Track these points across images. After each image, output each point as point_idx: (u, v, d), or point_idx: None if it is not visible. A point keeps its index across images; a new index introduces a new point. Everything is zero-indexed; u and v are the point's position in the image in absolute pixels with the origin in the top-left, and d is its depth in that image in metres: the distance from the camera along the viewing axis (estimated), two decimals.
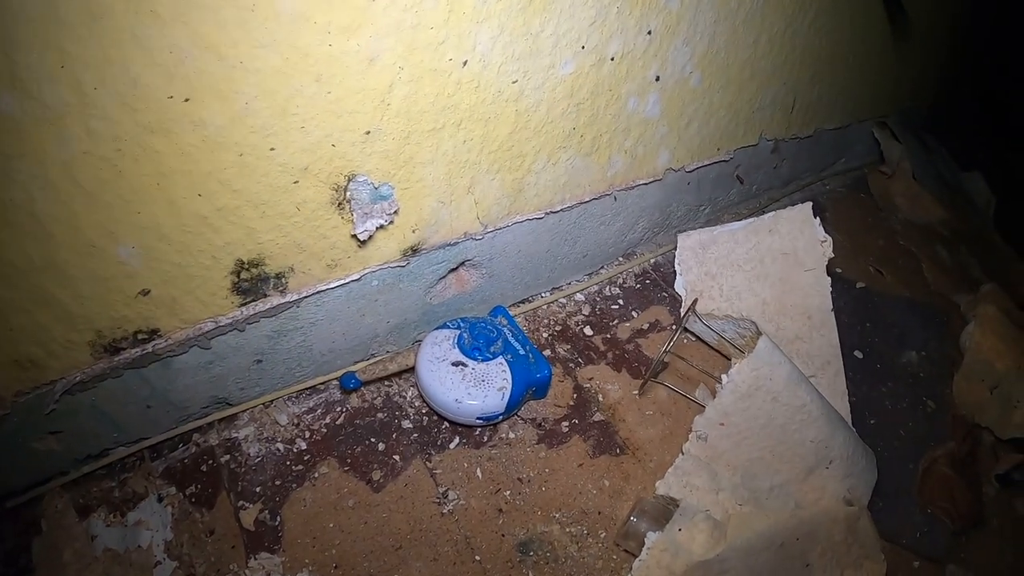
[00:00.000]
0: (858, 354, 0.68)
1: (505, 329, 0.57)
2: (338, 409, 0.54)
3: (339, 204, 0.48)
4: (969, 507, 0.66)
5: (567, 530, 0.51)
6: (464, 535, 0.50)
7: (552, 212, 0.59)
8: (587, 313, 0.66)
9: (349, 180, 0.48)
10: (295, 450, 0.53)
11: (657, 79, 0.57)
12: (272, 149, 0.43)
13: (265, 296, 0.50)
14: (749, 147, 0.73)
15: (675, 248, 0.66)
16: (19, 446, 0.50)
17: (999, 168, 1.06)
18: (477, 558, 0.49)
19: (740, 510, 0.50)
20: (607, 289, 0.68)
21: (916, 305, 0.79)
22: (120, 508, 0.53)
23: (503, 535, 0.50)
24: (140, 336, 0.49)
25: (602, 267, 0.70)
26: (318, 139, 0.44)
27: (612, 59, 0.53)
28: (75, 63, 0.34)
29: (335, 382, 0.54)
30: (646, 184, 0.65)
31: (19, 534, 0.51)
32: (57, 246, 0.40)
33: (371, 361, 0.57)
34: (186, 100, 0.38)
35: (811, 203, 0.62)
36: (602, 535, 0.51)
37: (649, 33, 0.54)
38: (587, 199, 0.61)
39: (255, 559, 0.49)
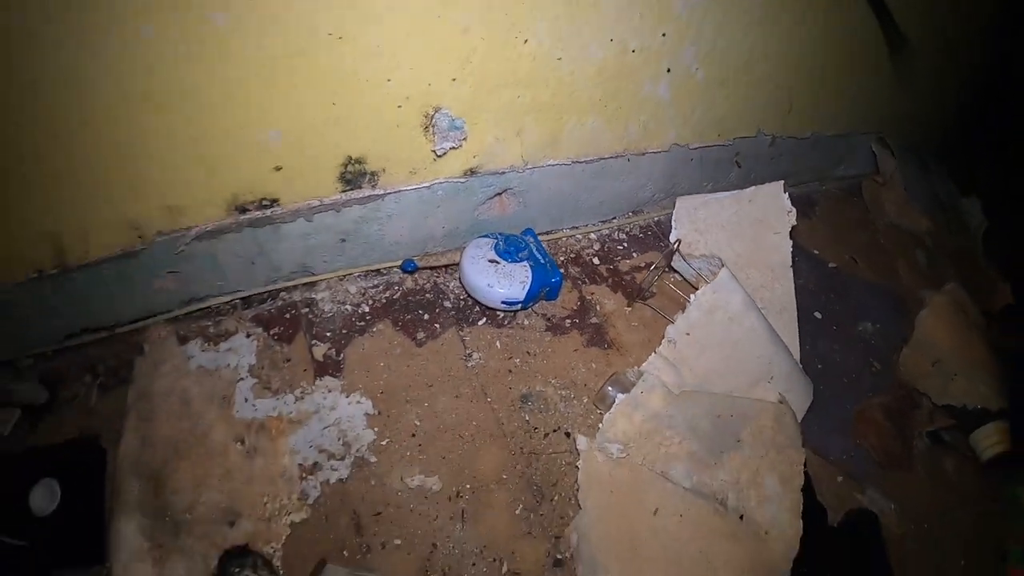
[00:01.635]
0: (817, 315, 0.94)
1: (531, 245, 0.84)
2: (396, 287, 0.81)
3: (425, 127, 0.76)
4: (896, 451, 0.91)
5: (558, 392, 0.77)
6: (481, 384, 0.76)
7: (577, 162, 0.86)
8: (596, 249, 0.92)
9: (436, 111, 0.75)
10: (359, 311, 0.79)
11: (668, 71, 0.84)
12: (388, 80, 0.71)
13: (360, 188, 0.77)
14: (748, 138, 1.00)
15: (675, 207, 0.94)
16: (142, 280, 0.77)
17: (997, 192, 1.33)
18: (489, 399, 0.75)
19: (692, 392, 0.77)
20: (616, 234, 0.95)
21: (881, 290, 1.03)
22: (213, 340, 0.81)
23: (510, 388, 0.76)
24: (264, 202, 0.76)
25: (614, 217, 0.96)
26: (420, 78, 0.71)
27: (632, 51, 0.80)
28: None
29: (396, 268, 0.81)
30: (655, 153, 0.92)
31: (122, 353, 0.80)
32: (226, 120, 0.68)
33: (425, 255, 0.85)
34: (339, 38, 0.68)
35: (782, 181, 0.90)
36: (584, 400, 0.76)
37: (664, 35, 0.82)
38: (605, 156, 0.88)
39: (320, 380, 0.76)
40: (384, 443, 0.68)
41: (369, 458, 0.67)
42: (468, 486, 0.67)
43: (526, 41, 0.72)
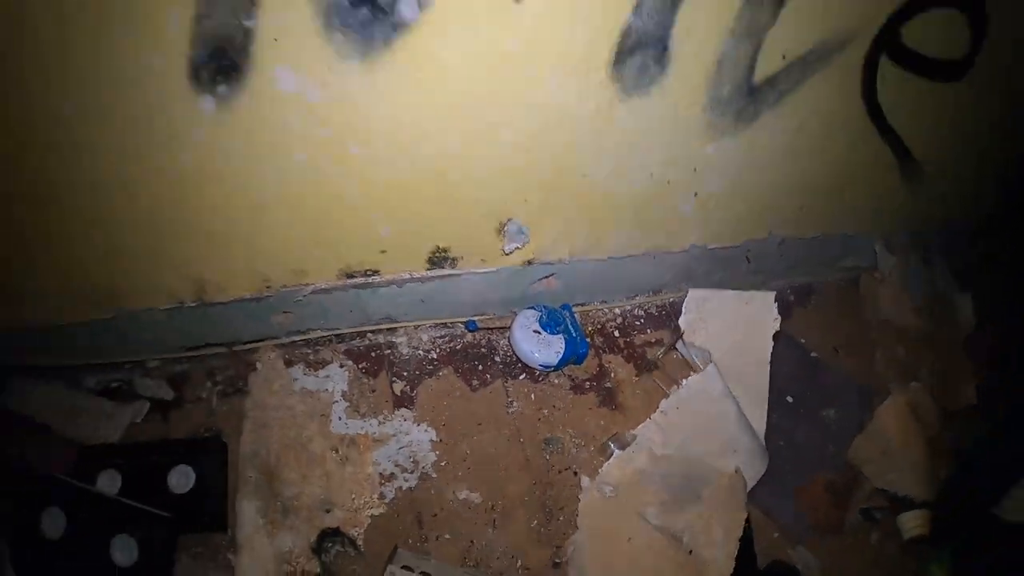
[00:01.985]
0: (789, 399, 1.19)
1: (567, 320, 1.11)
2: (458, 339, 1.08)
3: (498, 231, 1.00)
4: (832, 520, 1.17)
5: (573, 439, 1.04)
6: (517, 427, 1.04)
7: (612, 258, 1.10)
8: (618, 322, 1.17)
9: (508, 221, 1.00)
10: (429, 356, 1.08)
11: (695, 194, 1.07)
12: (477, 200, 0.97)
13: (442, 267, 1.02)
14: (759, 240, 1.24)
15: (687, 296, 1.18)
16: (262, 314, 1.07)
17: (990, 292, 1.52)
18: (521, 440, 1.03)
19: (671, 455, 1.04)
20: (636, 310, 1.20)
21: (853, 382, 1.28)
22: (314, 367, 1.10)
23: (538, 432, 1.03)
24: (368, 272, 1.02)
25: (636, 295, 1.23)
26: (502, 199, 0.94)
27: (667, 182, 1.03)
28: None
29: (461, 324, 1.09)
30: (676, 253, 1.16)
31: (238, 367, 1.09)
32: (355, 219, 0.92)
33: (484, 317, 1.13)
34: (444, 174, 0.93)
35: (774, 293, 1.14)
36: (591, 448, 1.03)
37: (695, 170, 1.05)
38: (635, 254, 1.13)
39: (398, 411, 1.05)
40: (443, 464, 0.97)
41: (431, 473, 0.97)
42: (500, 502, 0.96)
43: (584, 176, 0.96)
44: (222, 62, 0.71)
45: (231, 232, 0.90)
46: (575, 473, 0.99)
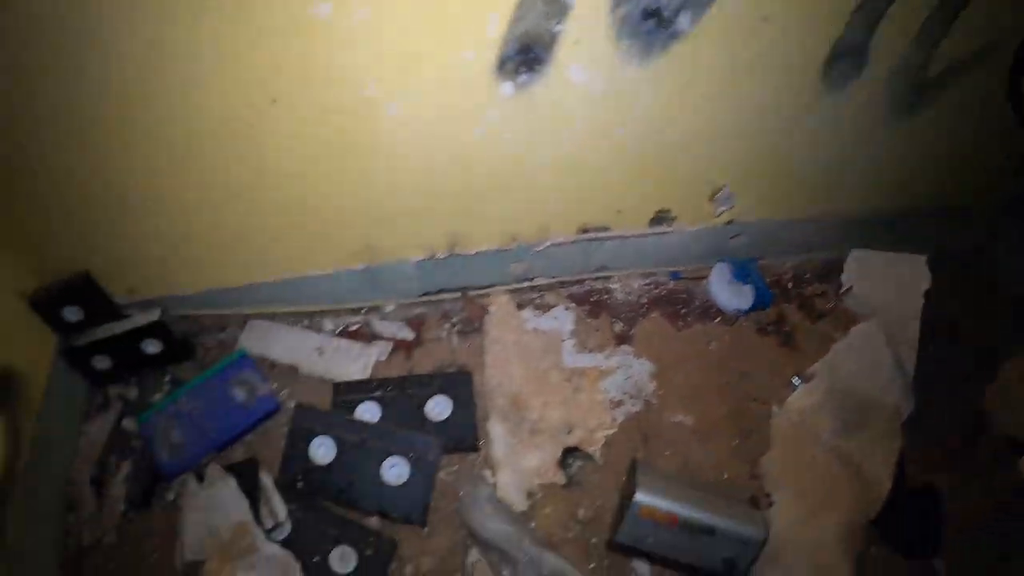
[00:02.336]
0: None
1: (754, 271, 1.29)
2: (663, 287, 1.26)
3: (711, 196, 1.18)
4: (962, 459, 1.43)
5: (761, 374, 1.26)
6: (716, 362, 1.23)
7: (792, 220, 1.25)
8: (791, 276, 1.30)
9: (721, 188, 1.15)
10: (640, 301, 1.27)
11: (865, 171, 1.29)
12: (701, 172, 1.16)
13: (660, 225, 1.19)
14: (908, 209, 1.42)
15: (849, 255, 1.39)
16: (499, 264, 1.22)
17: None
18: (720, 373, 1.23)
19: (843, 389, 1.28)
20: (805, 266, 1.36)
21: (982, 343, 1.52)
22: (542, 309, 1.30)
23: (733, 367, 1.24)
24: (600, 228, 1.20)
25: (806, 253, 1.38)
26: (719, 169, 1.12)
27: (844, 160, 1.17)
28: None
29: (665, 274, 1.30)
30: (842, 218, 1.36)
31: (473, 310, 1.29)
32: (601, 183, 1.11)
33: (685, 268, 1.32)
34: (685, 148, 1.12)
35: (926, 256, 1.36)
36: (776, 382, 1.26)
37: (868, 150, 1.25)
38: (810, 217, 1.34)
39: (619, 347, 1.23)
40: (660, 392, 1.19)
41: (651, 400, 1.19)
42: (706, 425, 1.17)
43: (784, 153, 1.14)
44: (527, 56, 0.87)
45: (498, 193, 1.07)
46: (765, 402, 1.22)
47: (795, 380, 1.21)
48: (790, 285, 1.33)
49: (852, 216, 1.30)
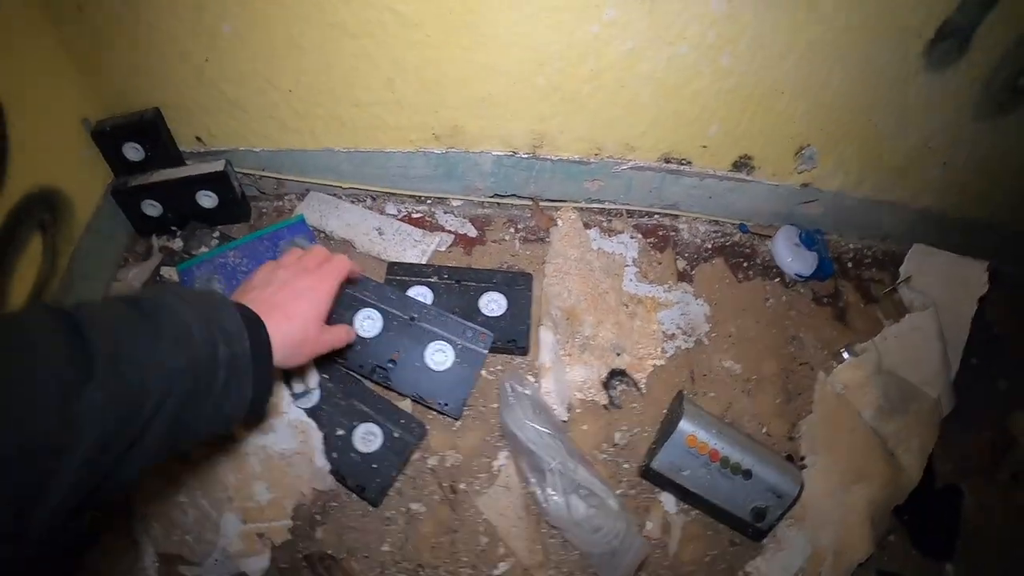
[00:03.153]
0: (973, 360, 1.46)
1: (820, 241, 1.31)
2: (729, 237, 1.26)
3: (796, 153, 1.19)
4: (986, 465, 1.44)
5: (812, 341, 1.25)
6: (769, 320, 1.22)
7: (864, 199, 1.28)
8: (851, 256, 1.31)
9: (808, 146, 1.18)
10: (704, 246, 1.26)
11: (944, 164, 1.28)
12: (794, 123, 1.17)
13: (740, 172, 1.18)
14: (977, 218, 1.43)
15: (911, 248, 1.41)
16: (576, 177, 1.19)
17: None
18: (773, 331, 1.20)
19: (890, 371, 1.29)
20: (865, 250, 1.33)
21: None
22: (608, 232, 1.29)
23: (786, 328, 1.21)
24: (682, 160, 1.18)
25: (867, 238, 1.39)
26: (810, 126, 1.12)
27: (929, 147, 1.20)
28: None
29: (733, 225, 1.29)
30: (911, 208, 1.32)
31: (541, 220, 1.28)
32: (684, 112, 1.12)
33: (752, 223, 1.33)
34: (782, 92, 1.13)
35: (988, 262, 1.39)
36: (825, 352, 1.27)
37: (952, 142, 1.28)
38: (881, 200, 1.36)
39: (679, 284, 1.22)
40: (713, 335, 1.19)
41: (704, 341, 1.18)
42: (753, 377, 1.17)
43: (875, 124, 1.15)
44: None
45: (595, 99, 1.07)
46: (812, 368, 1.22)
47: (844, 352, 1.22)
48: (849, 265, 1.34)
49: (923, 211, 1.31)
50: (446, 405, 1.03)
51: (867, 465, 1.18)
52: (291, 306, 0.68)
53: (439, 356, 1.05)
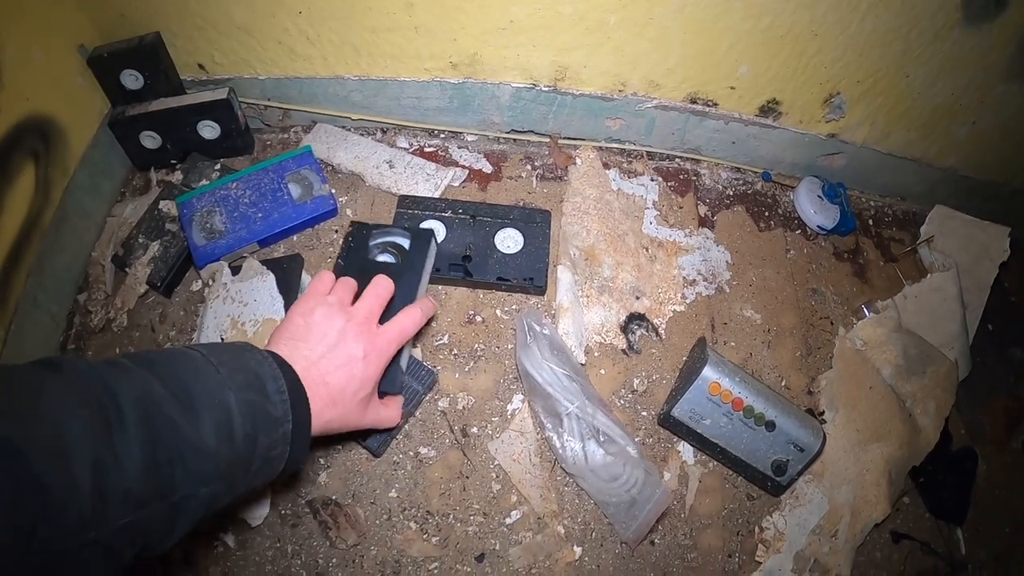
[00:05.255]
0: (989, 327, 1.49)
1: (842, 195, 1.30)
2: (751, 185, 1.25)
3: (825, 100, 1.19)
4: (1000, 437, 1.46)
5: (832, 295, 1.25)
6: (790, 271, 1.21)
7: (889, 154, 1.27)
8: (872, 213, 1.31)
9: (837, 94, 1.17)
10: (726, 192, 1.25)
11: (973, 123, 1.24)
12: (824, 69, 1.17)
13: (766, 117, 1.18)
14: (999, 183, 1.47)
15: (933, 209, 1.42)
16: (597, 114, 1.17)
17: None
18: (794, 283, 1.21)
19: (910, 330, 1.30)
20: (886, 208, 1.34)
21: None
22: (628, 174, 1.27)
23: (807, 280, 1.21)
24: (708, 102, 1.17)
25: (889, 196, 1.42)
26: (841, 74, 1.11)
27: (959, 104, 1.22)
28: None
29: (756, 173, 1.28)
30: (935, 168, 1.31)
31: (559, 158, 1.25)
32: (721, 48, 1.10)
33: (775, 172, 1.33)
34: (816, 33, 1.13)
35: (1009, 228, 1.41)
36: (845, 307, 1.28)
37: (982, 101, 1.29)
38: (906, 157, 1.36)
39: (701, 229, 1.20)
40: (734, 283, 1.18)
41: (725, 288, 1.17)
42: (774, 328, 1.17)
43: (906, 76, 1.16)
44: None
45: (623, 29, 1.04)
46: (832, 323, 1.22)
47: (865, 309, 1.22)
48: (870, 222, 1.35)
49: (947, 170, 1.33)
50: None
51: (885, 424, 1.19)
52: (336, 381, 0.63)
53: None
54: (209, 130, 1.12)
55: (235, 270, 1.02)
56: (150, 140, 1.12)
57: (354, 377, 0.64)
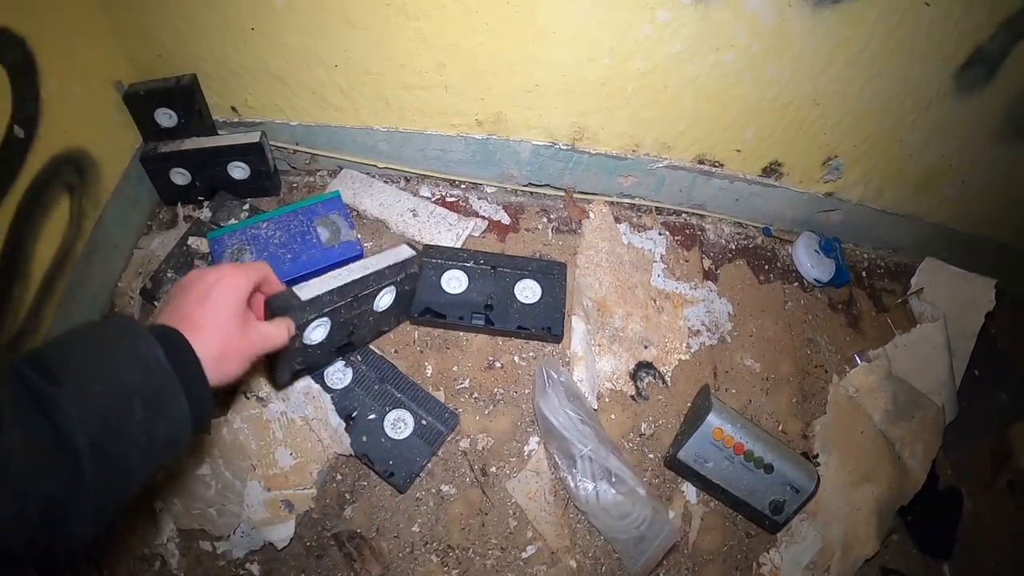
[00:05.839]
0: (976, 372, 1.59)
1: (838, 249, 1.40)
2: (752, 239, 1.34)
3: (824, 162, 1.28)
4: (985, 478, 1.56)
5: (827, 344, 1.33)
6: (789, 322, 1.33)
7: (882, 211, 1.38)
8: (865, 265, 1.42)
9: (835, 157, 1.25)
10: (729, 246, 1.35)
11: (962, 182, 1.39)
12: (823, 134, 1.28)
13: (769, 177, 1.27)
14: (987, 237, 1.58)
15: (923, 262, 1.52)
16: (611, 172, 1.27)
17: None
18: (792, 333, 1.31)
19: (899, 378, 1.40)
20: (879, 261, 1.45)
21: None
22: (638, 228, 1.37)
23: (803, 331, 1.31)
24: (715, 163, 1.25)
25: (882, 249, 1.52)
26: (839, 138, 1.21)
27: (951, 165, 1.33)
28: None
29: (757, 228, 1.38)
30: (926, 223, 1.41)
31: (573, 212, 1.35)
32: (729, 116, 1.20)
33: (775, 228, 1.44)
34: (819, 104, 1.23)
35: (996, 280, 1.51)
36: (839, 356, 1.38)
37: (971, 162, 1.39)
38: (898, 213, 1.47)
39: (705, 282, 1.31)
40: (736, 333, 1.27)
41: (727, 338, 1.27)
42: (772, 376, 1.26)
43: (901, 140, 1.27)
44: None
45: (640, 97, 1.14)
46: (826, 371, 1.32)
47: (858, 357, 1.32)
48: (863, 274, 1.45)
49: (938, 225, 1.43)
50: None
51: (875, 466, 1.28)
52: (197, 312, 0.61)
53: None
54: (239, 171, 1.19)
55: None
56: (180, 176, 1.18)
57: (208, 299, 0.62)
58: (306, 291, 0.83)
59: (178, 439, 0.55)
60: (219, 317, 0.62)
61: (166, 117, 1.18)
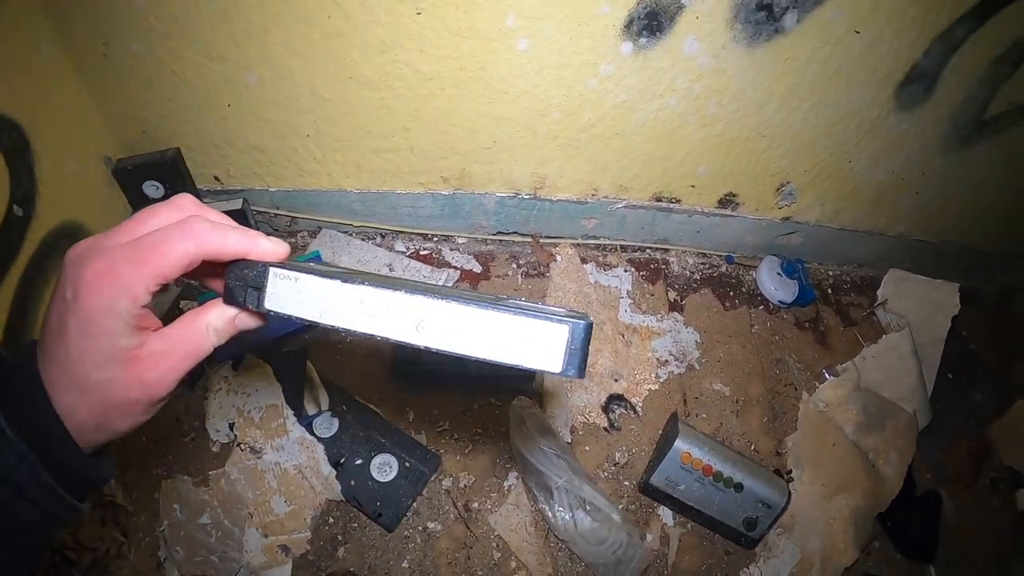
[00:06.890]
0: (949, 375, 1.66)
1: (801, 270, 1.48)
2: (716, 268, 1.44)
3: (777, 189, 1.37)
4: (966, 478, 1.62)
5: (795, 363, 1.41)
6: (755, 345, 1.39)
7: (841, 229, 1.48)
8: (831, 282, 1.49)
9: (787, 183, 1.34)
10: (693, 277, 1.44)
11: (916, 194, 1.48)
12: (774, 163, 1.36)
13: (725, 208, 1.37)
14: (950, 242, 1.66)
15: (888, 274, 1.61)
16: (573, 216, 1.38)
17: None
18: (759, 356, 1.39)
19: (868, 389, 1.47)
20: (844, 276, 1.51)
21: (998, 376, 1.75)
22: (603, 267, 1.47)
23: (771, 351, 1.41)
24: (672, 199, 1.32)
25: (846, 264, 1.60)
26: (790, 165, 1.29)
27: (902, 179, 1.43)
28: None
29: (719, 256, 1.47)
30: (887, 236, 1.51)
31: (541, 256, 1.46)
32: (678, 155, 1.29)
33: (737, 254, 1.52)
34: (764, 135, 1.32)
35: (959, 285, 1.58)
36: (808, 373, 1.45)
37: (923, 174, 1.49)
38: (858, 230, 1.55)
39: (671, 314, 1.40)
40: (704, 360, 1.36)
41: (695, 366, 1.35)
42: (742, 398, 1.35)
43: (849, 162, 1.35)
44: (652, 22, 1.05)
45: (594, 145, 1.24)
46: (796, 388, 1.39)
47: (826, 373, 1.39)
48: (829, 291, 1.53)
49: (898, 237, 1.50)
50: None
51: (849, 476, 1.35)
52: (57, 349, 0.40)
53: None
54: None
55: (236, 366, 1.19)
56: None
57: (66, 330, 0.40)
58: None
59: (51, 516, 0.40)
60: (82, 366, 0.39)
61: (154, 188, 1.27)
